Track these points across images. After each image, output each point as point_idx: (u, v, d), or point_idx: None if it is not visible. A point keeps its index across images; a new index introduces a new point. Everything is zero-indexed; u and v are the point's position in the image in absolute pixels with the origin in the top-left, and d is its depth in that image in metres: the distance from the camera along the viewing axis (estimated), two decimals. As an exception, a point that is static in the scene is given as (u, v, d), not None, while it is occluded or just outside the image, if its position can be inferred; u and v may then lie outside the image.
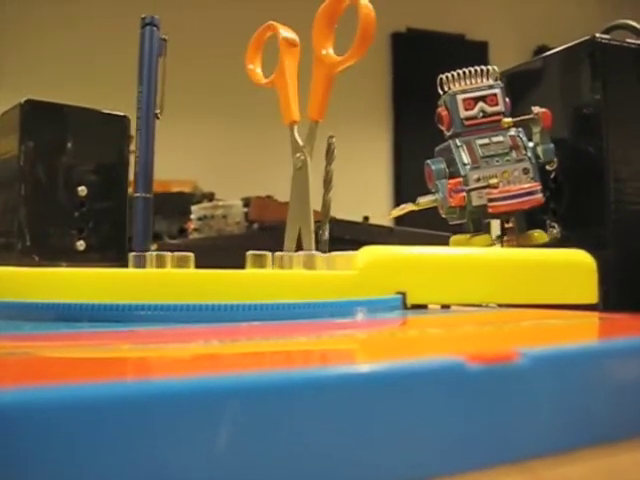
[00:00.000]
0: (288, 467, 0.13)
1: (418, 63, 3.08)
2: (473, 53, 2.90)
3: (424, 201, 0.44)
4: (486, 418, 0.15)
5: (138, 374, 0.15)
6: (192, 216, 0.95)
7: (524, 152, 0.42)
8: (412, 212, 0.45)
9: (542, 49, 0.43)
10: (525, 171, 0.42)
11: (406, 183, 2.97)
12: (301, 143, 0.39)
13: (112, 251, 0.49)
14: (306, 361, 0.19)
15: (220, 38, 2.75)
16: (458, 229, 0.45)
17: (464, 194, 0.42)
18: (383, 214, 0.45)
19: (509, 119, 0.43)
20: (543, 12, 3.26)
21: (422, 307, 0.33)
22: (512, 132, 0.43)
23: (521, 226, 0.43)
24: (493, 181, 0.41)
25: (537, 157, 0.42)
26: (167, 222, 1.12)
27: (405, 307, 0.33)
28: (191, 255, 0.33)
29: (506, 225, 0.43)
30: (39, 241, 0.46)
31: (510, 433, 0.16)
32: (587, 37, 0.42)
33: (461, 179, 0.42)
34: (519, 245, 0.42)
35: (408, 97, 3.06)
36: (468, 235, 0.44)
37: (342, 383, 0.14)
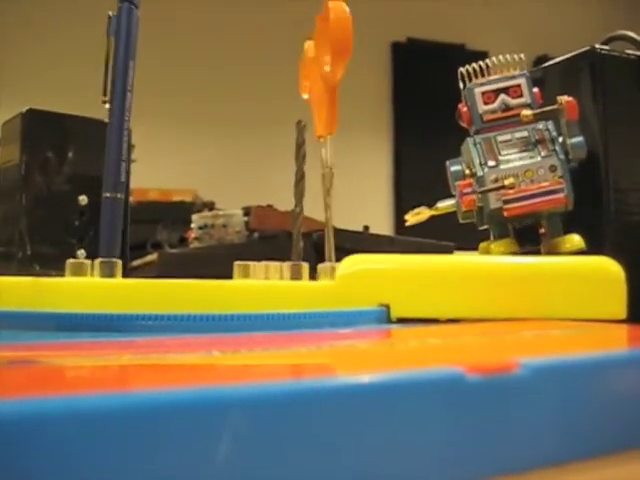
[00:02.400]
0: (288, 478, 0.13)
1: (418, 73, 3.09)
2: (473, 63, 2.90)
3: (443, 205, 0.40)
4: (485, 429, 0.15)
5: (139, 385, 0.15)
6: (193, 225, 0.95)
7: (552, 147, 0.38)
8: (432, 217, 0.40)
9: (542, 59, 0.44)
10: (552, 168, 0.37)
11: (406, 192, 2.97)
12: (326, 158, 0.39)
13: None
14: (307, 372, 0.19)
15: (222, 46, 2.76)
16: (470, 237, 0.42)
17: (474, 196, 0.38)
18: (409, 220, 0.40)
19: (529, 112, 0.38)
20: (543, 22, 3.27)
21: (434, 321, 0.31)
22: (540, 126, 0.39)
23: (555, 230, 0.38)
24: (509, 181, 0.37)
25: (567, 153, 0.38)
26: (167, 231, 1.12)
27: (389, 321, 0.31)
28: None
29: (541, 230, 0.39)
30: (39, 250, 0.46)
31: (509, 444, 0.16)
32: (587, 48, 0.42)
33: (471, 180, 0.38)
34: (550, 252, 0.38)
35: (408, 107, 3.06)
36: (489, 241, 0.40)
37: (342, 394, 0.14)
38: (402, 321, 0.31)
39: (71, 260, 0.33)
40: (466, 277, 0.32)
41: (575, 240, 0.37)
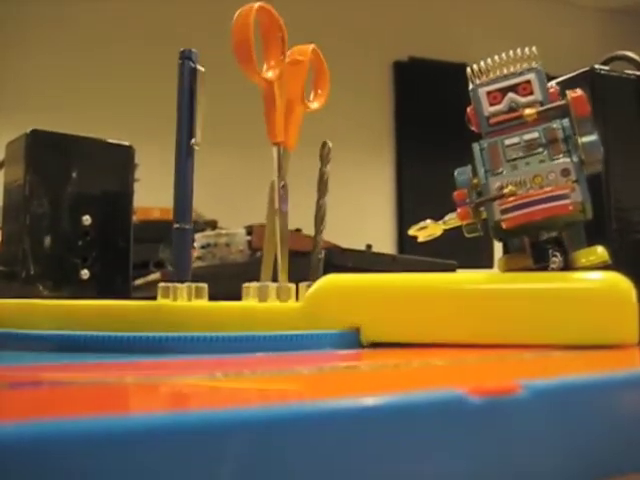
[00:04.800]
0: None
1: (420, 91, 3.11)
2: (475, 81, 2.91)
3: (451, 218, 0.36)
4: (487, 450, 0.15)
5: (142, 407, 0.15)
6: (195, 244, 0.95)
7: (565, 149, 0.33)
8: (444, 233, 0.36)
9: (542, 78, 0.43)
10: (564, 172, 0.33)
11: (408, 211, 2.97)
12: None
13: (116, 280, 0.49)
14: (309, 395, 0.19)
15: (223, 69, 2.77)
16: (473, 255, 0.42)
17: (469, 207, 0.34)
18: (419, 235, 0.36)
19: (532, 110, 0.34)
20: (543, 41, 3.28)
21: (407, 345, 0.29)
22: (554, 125, 0.34)
23: (576, 242, 0.34)
24: (509, 189, 0.33)
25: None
26: (170, 250, 1.12)
27: (360, 345, 0.29)
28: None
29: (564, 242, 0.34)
30: (43, 270, 0.46)
31: (512, 465, 0.16)
32: (586, 68, 0.42)
33: (465, 190, 0.35)
34: (568, 267, 0.33)
35: (410, 125, 3.07)
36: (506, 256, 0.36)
37: (346, 416, 0.14)
38: (375, 345, 0.29)
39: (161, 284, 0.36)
40: (448, 298, 0.29)
41: (598, 252, 0.33)
